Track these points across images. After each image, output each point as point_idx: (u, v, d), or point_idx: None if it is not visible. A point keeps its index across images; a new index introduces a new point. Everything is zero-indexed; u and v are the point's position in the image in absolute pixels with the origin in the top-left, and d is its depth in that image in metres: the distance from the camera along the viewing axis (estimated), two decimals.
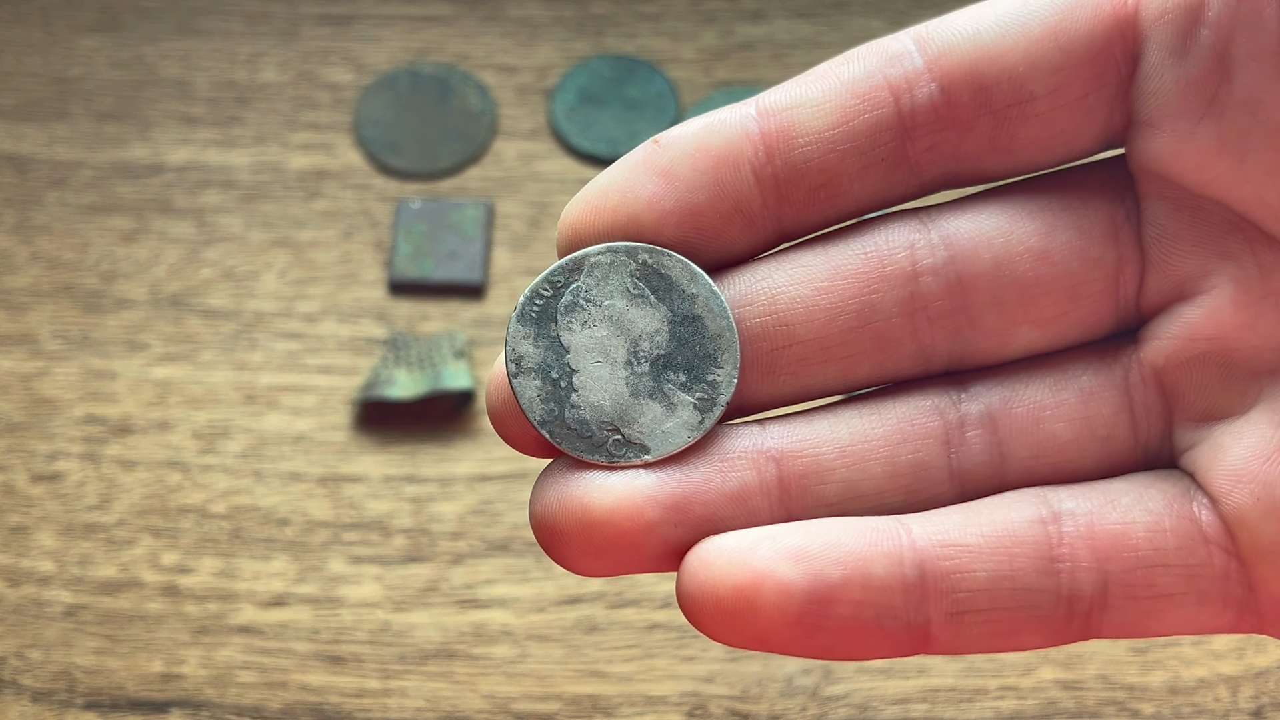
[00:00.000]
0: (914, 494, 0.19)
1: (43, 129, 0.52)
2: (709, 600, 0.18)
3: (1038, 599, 0.18)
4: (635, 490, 0.18)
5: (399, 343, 0.47)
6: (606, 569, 0.19)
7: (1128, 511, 0.19)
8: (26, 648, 0.43)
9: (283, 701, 0.42)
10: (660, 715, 0.41)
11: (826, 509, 0.19)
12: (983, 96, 0.19)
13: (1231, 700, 0.41)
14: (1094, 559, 0.19)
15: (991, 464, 0.20)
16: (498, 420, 0.20)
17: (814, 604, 0.18)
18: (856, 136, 0.19)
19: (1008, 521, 0.19)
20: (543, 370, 0.19)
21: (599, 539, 0.18)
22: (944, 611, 0.18)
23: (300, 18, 0.54)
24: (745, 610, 0.18)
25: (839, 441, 0.19)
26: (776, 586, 0.18)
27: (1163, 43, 0.19)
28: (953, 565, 0.18)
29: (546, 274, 0.19)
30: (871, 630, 0.18)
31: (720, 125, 0.19)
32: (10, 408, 0.47)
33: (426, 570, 0.44)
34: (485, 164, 0.51)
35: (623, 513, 0.18)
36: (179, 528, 0.44)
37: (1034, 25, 0.19)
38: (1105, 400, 0.20)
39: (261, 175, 0.51)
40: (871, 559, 0.18)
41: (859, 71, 0.19)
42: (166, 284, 0.49)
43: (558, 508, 0.18)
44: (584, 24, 0.54)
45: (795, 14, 0.54)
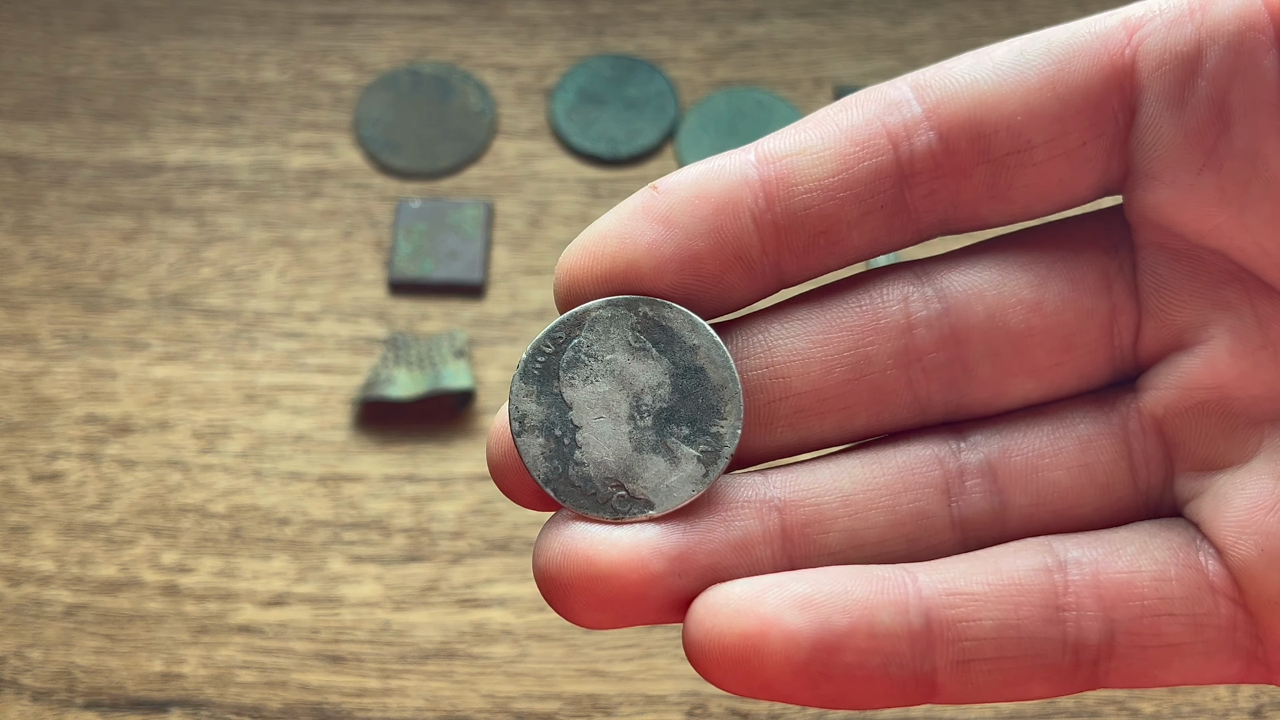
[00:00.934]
0: (916, 543, 0.19)
1: (42, 128, 0.52)
2: (715, 648, 0.18)
3: (1044, 648, 0.18)
4: (640, 543, 0.18)
5: (399, 342, 0.47)
6: (611, 621, 0.19)
7: (1133, 560, 0.19)
8: (26, 647, 0.43)
9: (283, 701, 0.42)
10: (660, 714, 0.41)
11: (829, 558, 0.19)
12: (981, 145, 0.19)
13: (1231, 700, 0.41)
14: (1100, 608, 0.19)
15: (992, 512, 0.20)
16: (499, 475, 0.20)
17: (821, 652, 0.18)
18: (856, 184, 0.19)
19: (1013, 570, 0.19)
20: (546, 428, 0.19)
21: (604, 592, 0.18)
22: (950, 660, 0.18)
23: (300, 17, 0.54)
24: (752, 658, 0.18)
25: (841, 490, 0.19)
26: (783, 634, 0.18)
27: (1160, 94, 0.19)
28: (959, 614, 0.18)
29: (548, 330, 0.19)
30: (878, 679, 0.18)
31: (720, 171, 0.19)
32: (10, 407, 0.47)
33: (426, 570, 0.44)
34: (485, 163, 0.51)
35: (628, 566, 0.18)
36: (179, 527, 0.44)
37: (1031, 75, 0.19)
38: (1103, 448, 0.20)
39: (261, 174, 0.51)
40: (878, 607, 0.18)
41: (858, 119, 0.19)
42: (166, 283, 0.49)
43: (562, 561, 0.18)
44: (584, 23, 0.54)
45: (795, 13, 0.54)
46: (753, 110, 0.52)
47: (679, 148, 0.51)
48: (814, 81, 0.52)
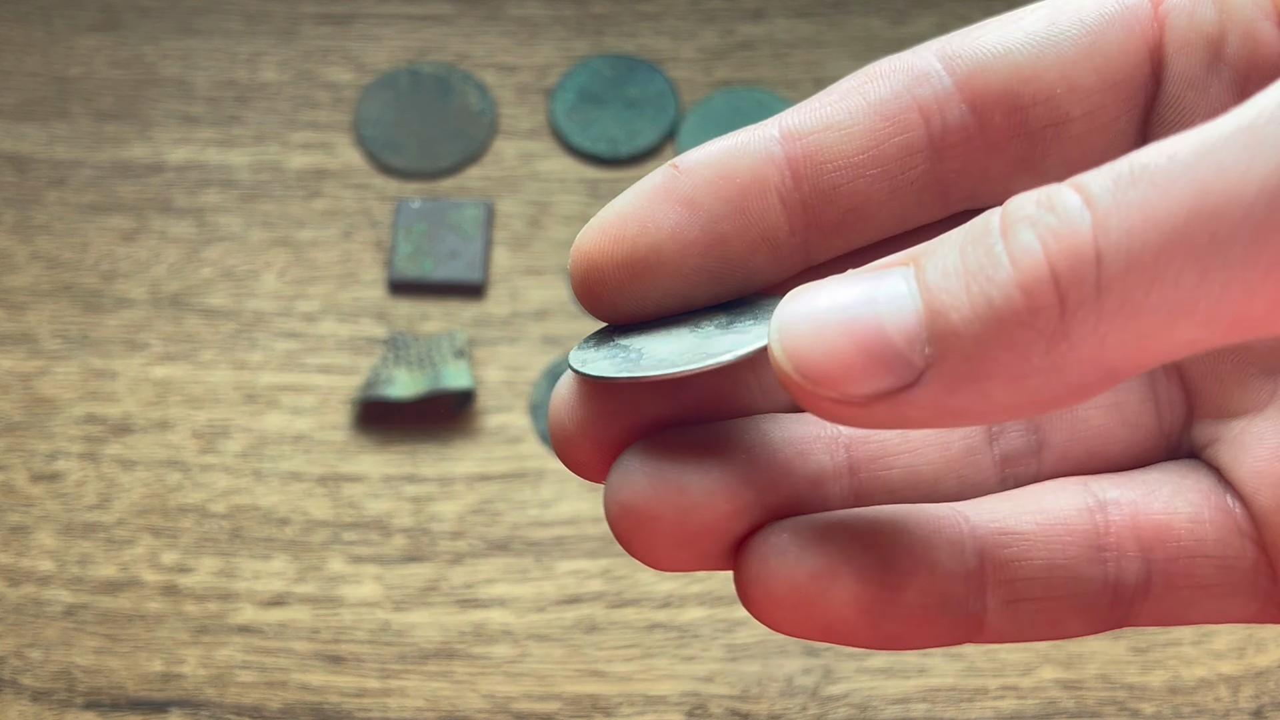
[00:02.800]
0: (965, 480, 0.19)
1: (43, 128, 0.52)
2: (781, 587, 0.17)
3: (1086, 587, 0.19)
4: (729, 471, 0.18)
5: (399, 342, 0.47)
6: (691, 560, 0.18)
7: (1169, 502, 0.19)
8: (26, 647, 0.43)
9: (282, 701, 0.42)
10: (660, 715, 0.41)
11: (890, 494, 0.19)
12: (1017, 118, 0.19)
13: (1232, 700, 0.41)
14: (1139, 548, 0.19)
15: (1029, 449, 0.20)
16: (565, 436, 0.19)
17: (886, 590, 0.18)
18: (885, 160, 0.19)
19: (1058, 509, 0.19)
20: (610, 355, 0.19)
21: (695, 522, 0.18)
22: (1001, 599, 0.18)
23: (300, 17, 0.54)
24: (820, 598, 0.17)
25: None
26: (853, 573, 0.17)
27: (1183, 73, 0.19)
28: (1010, 554, 0.18)
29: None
30: (935, 619, 0.18)
31: (744, 150, 0.18)
32: (10, 407, 0.47)
33: (426, 570, 0.44)
34: (485, 163, 0.51)
35: (721, 494, 0.18)
36: (179, 527, 0.44)
37: (1067, 46, 0.18)
38: (1132, 388, 0.20)
39: (261, 174, 0.51)
40: (937, 546, 0.18)
41: (886, 92, 0.18)
42: (166, 283, 0.49)
43: (650, 494, 0.18)
44: (584, 23, 0.54)
45: (795, 13, 0.54)
46: (753, 110, 0.51)
47: (679, 148, 0.51)
48: (814, 81, 0.52)
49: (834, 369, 0.16)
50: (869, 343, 0.16)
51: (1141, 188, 0.14)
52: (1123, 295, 0.14)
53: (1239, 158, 0.14)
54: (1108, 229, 0.14)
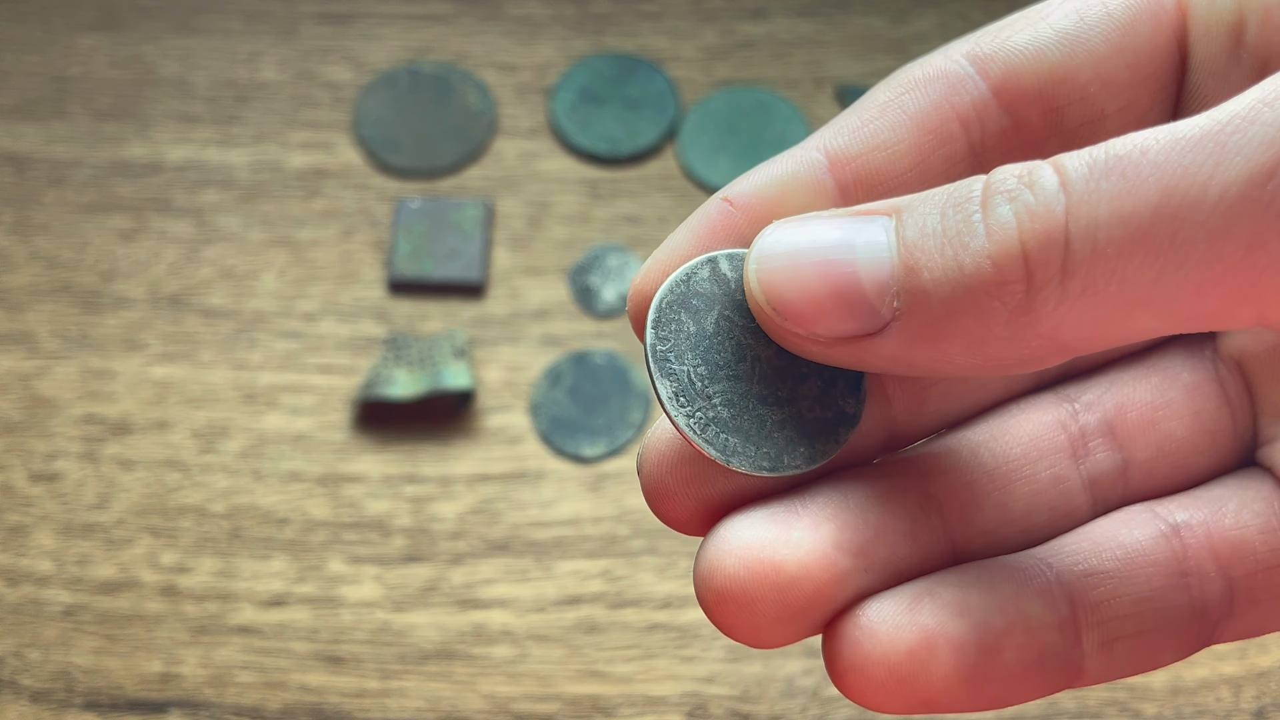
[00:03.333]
0: (1056, 510, 0.19)
1: (41, 128, 0.52)
2: (879, 669, 0.17)
3: (1176, 616, 0.19)
4: (822, 540, 0.18)
5: (399, 342, 0.47)
6: (797, 633, 0.18)
7: (1238, 516, 0.19)
8: (25, 647, 0.43)
9: (282, 702, 0.42)
10: (660, 716, 0.41)
11: (984, 536, 0.19)
12: (1054, 118, 0.19)
13: (1233, 701, 0.41)
14: (1218, 567, 0.19)
15: (1116, 470, 0.20)
16: (666, 493, 0.19)
17: (985, 654, 0.17)
18: (932, 174, 0.19)
19: (1135, 542, 0.19)
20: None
21: (796, 598, 0.17)
22: (1096, 643, 0.18)
23: (299, 16, 0.54)
24: (920, 673, 0.17)
25: (984, 467, 0.19)
26: (950, 643, 0.17)
27: (1205, 62, 0.19)
28: (1100, 594, 0.18)
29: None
30: (1034, 673, 0.18)
31: (795, 180, 0.18)
32: (9, 407, 0.47)
33: (426, 570, 0.44)
34: (485, 163, 0.51)
35: (817, 565, 0.17)
36: (178, 527, 0.44)
37: (1097, 42, 0.18)
38: (1208, 395, 0.20)
39: (261, 174, 0.51)
40: (1027, 598, 0.18)
41: (925, 104, 0.18)
42: (165, 283, 0.49)
43: (745, 575, 0.17)
44: (584, 22, 0.54)
45: (796, 12, 0.54)
46: (753, 110, 0.51)
47: (679, 147, 0.51)
48: (815, 81, 0.52)
49: (805, 308, 0.17)
50: (842, 288, 0.16)
51: (1113, 179, 0.15)
52: (1085, 281, 0.15)
53: (1204, 163, 0.14)
54: (1079, 216, 0.15)
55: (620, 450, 0.45)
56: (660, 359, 0.18)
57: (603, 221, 0.50)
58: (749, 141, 0.51)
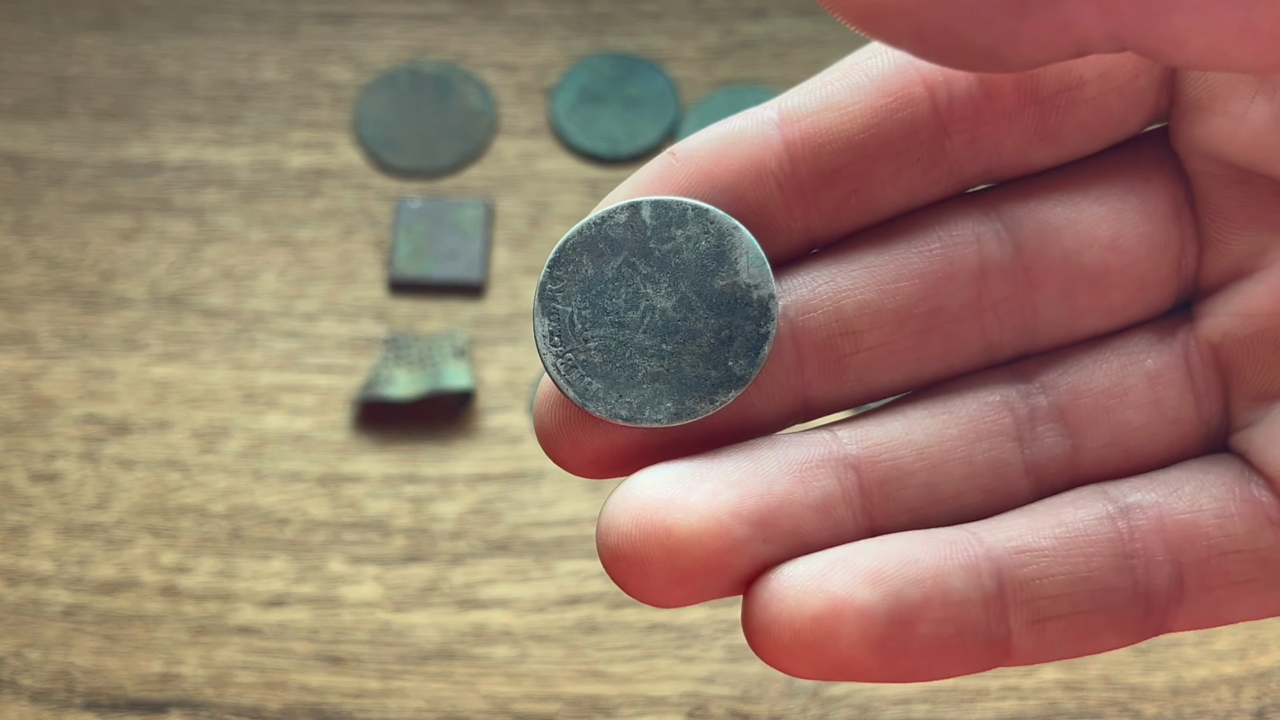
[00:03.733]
0: (992, 493, 0.19)
1: (41, 127, 0.52)
2: (785, 632, 0.17)
3: (1116, 598, 0.18)
4: (718, 507, 0.17)
5: (399, 342, 0.47)
6: (689, 597, 0.17)
7: (1193, 499, 0.18)
8: (25, 648, 0.42)
9: (282, 702, 0.41)
10: (661, 716, 0.41)
11: (908, 514, 0.18)
12: (1028, 84, 0.18)
13: (1234, 701, 0.41)
14: (1167, 551, 0.18)
15: (1065, 456, 0.19)
16: (552, 441, 0.18)
17: (896, 626, 0.17)
18: (889, 138, 0.18)
19: (1077, 520, 0.18)
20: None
21: (685, 564, 0.17)
22: (1025, 621, 0.18)
23: (300, 16, 0.54)
24: (826, 640, 0.17)
25: (915, 444, 0.19)
26: (857, 612, 0.17)
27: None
28: (1031, 572, 0.18)
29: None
30: (954, 648, 0.17)
31: (740, 135, 0.18)
32: (9, 407, 0.46)
33: (426, 570, 0.44)
34: (485, 163, 0.51)
35: (710, 533, 0.17)
36: (178, 527, 0.44)
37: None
38: (1171, 383, 0.19)
39: (261, 174, 0.51)
40: (949, 572, 0.17)
41: (888, 66, 0.18)
42: (165, 283, 0.49)
43: (636, 535, 0.17)
44: (584, 22, 0.54)
45: (796, 12, 0.54)
46: None
47: None
48: None
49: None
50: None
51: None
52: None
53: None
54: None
55: None
56: (547, 297, 0.18)
57: None
58: None
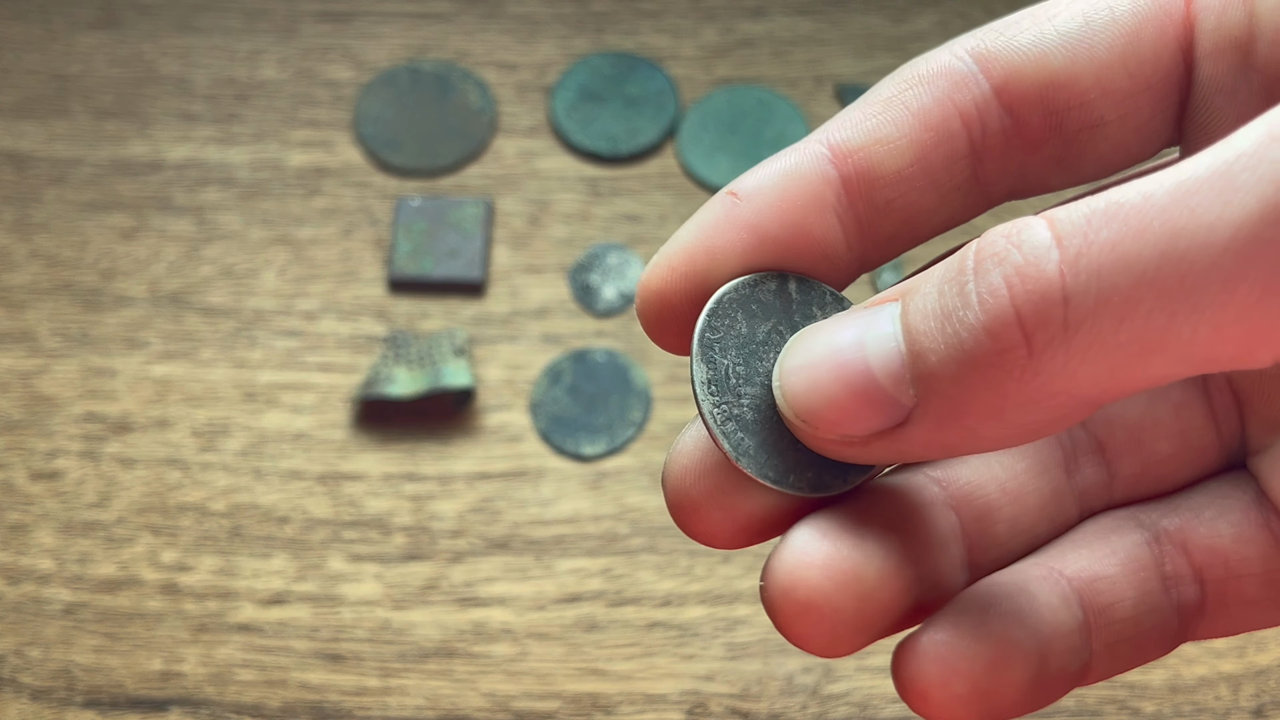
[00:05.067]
0: (1055, 521, 0.20)
1: (42, 126, 0.52)
2: (965, 683, 0.18)
3: (1164, 617, 0.19)
4: (891, 551, 0.18)
5: (399, 340, 0.47)
6: (867, 642, 0.18)
7: (1213, 525, 0.19)
8: (26, 646, 0.43)
9: (282, 700, 0.42)
10: (660, 714, 0.41)
11: (999, 548, 0.19)
12: (1053, 121, 0.19)
13: (1232, 699, 0.41)
14: (1193, 573, 0.19)
15: (1103, 483, 0.20)
16: (690, 502, 0.19)
17: (1044, 663, 0.18)
18: (934, 170, 0.19)
19: (1126, 547, 0.19)
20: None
21: (873, 608, 0.18)
22: (1103, 643, 0.19)
23: (300, 15, 0.54)
24: (1001, 685, 0.18)
25: (998, 480, 0.19)
26: (1023, 655, 0.18)
27: (1212, 77, 0.18)
28: (1106, 600, 0.19)
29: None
30: (1065, 677, 0.18)
31: (798, 172, 0.19)
32: (9, 405, 0.47)
33: (426, 568, 0.44)
34: (485, 161, 0.51)
35: (895, 578, 0.18)
36: (178, 526, 0.44)
37: (1100, 48, 0.18)
38: (1195, 413, 0.20)
39: (261, 172, 0.51)
40: (1058, 608, 0.18)
41: (928, 100, 0.18)
42: (166, 281, 0.49)
43: (830, 585, 0.18)
44: (584, 21, 0.54)
45: (796, 11, 0.54)
46: (753, 108, 0.51)
47: (679, 146, 0.51)
48: (815, 80, 0.52)
49: (829, 413, 0.17)
50: (858, 385, 0.16)
51: (1114, 227, 0.14)
52: (1092, 333, 0.15)
53: (1213, 203, 0.14)
54: (1077, 270, 0.15)
55: (620, 448, 0.46)
56: (706, 345, 0.19)
57: (603, 220, 0.50)
58: (749, 140, 0.51)
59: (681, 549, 0.44)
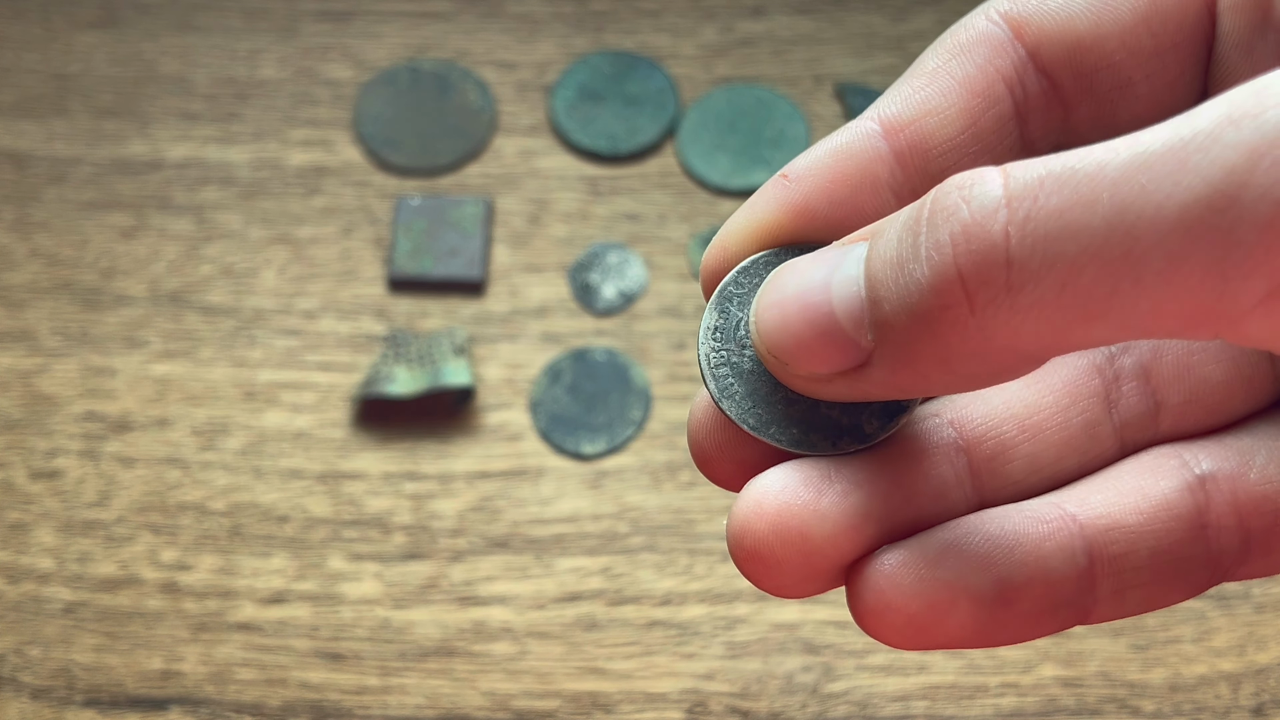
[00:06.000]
0: (1085, 454, 0.20)
1: (42, 125, 0.52)
2: (899, 617, 0.18)
3: (1189, 565, 0.19)
4: (851, 510, 0.18)
5: (399, 339, 0.47)
6: (820, 589, 0.18)
7: (1264, 470, 0.19)
8: (26, 645, 0.43)
9: (282, 699, 0.42)
10: (660, 713, 0.41)
11: (1013, 486, 0.19)
12: (1084, 83, 0.19)
13: (1232, 697, 0.41)
14: (1237, 519, 0.19)
15: (1148, 414, 0.20)
16: (703, 451, 0.19)
17: (1001, 605, 0.18)
18: (985, 135, 0.19)
19: (1160, 494, 0.19)
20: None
21: (821, 563, 0.18)
22: (1110, 590, 0.19)
23: (299, 14, 0.54)
24: (939, 622, 0.18)
25: (1017, 417, 0.19)
26: (971, 598, 0.18)
27: (1231, 34, 0.19)
28: (1119, 548, 0.19)
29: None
30: (1046, 618, 0.18)
31: (849, 149, 0.19)
32: (9, 404, 0.47)
33: (426, 567, 0.44)
34: (485, 160, 0.51)
35: (844, 535, 0.18)
36: (178, 525, 0.44)
37: (1124, 10, 0.19)
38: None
39: (261, 172, 0.51)
40: (1049, 554, 0.18)
41: (971, 68, 0.19)
42: (166, 281, 0.49)
43: (775, 540, 0.18)
44: (584, 20, 0.54)
45: (795, 10, 0.54)
46: (753, 107, 0.51)
47: (679, 145, 0.51)
48: (814, 79, 0.52)
49: (795, 349, 0.17)
50: (821, 325, 0.17)
51: (1065, 193, 0.15)
52: (1034, 295, 0.15)
53: (1163, 181, 0.14)
54: (1024, 233, 0.15)
55: (620, 447, 0.46)
56: (725, 296, 0.19)
57: (602, 219, 0.50)
58: (749, 139, 0.51)
59: (681, 548, 0.44)
